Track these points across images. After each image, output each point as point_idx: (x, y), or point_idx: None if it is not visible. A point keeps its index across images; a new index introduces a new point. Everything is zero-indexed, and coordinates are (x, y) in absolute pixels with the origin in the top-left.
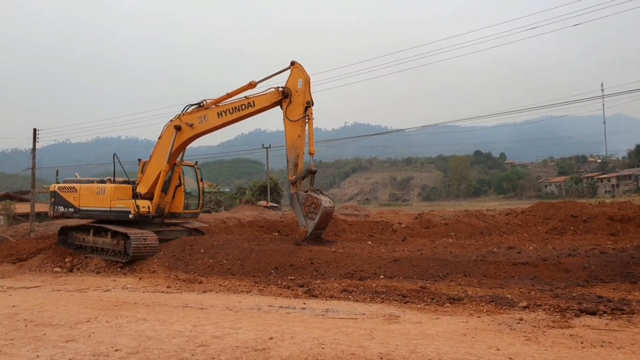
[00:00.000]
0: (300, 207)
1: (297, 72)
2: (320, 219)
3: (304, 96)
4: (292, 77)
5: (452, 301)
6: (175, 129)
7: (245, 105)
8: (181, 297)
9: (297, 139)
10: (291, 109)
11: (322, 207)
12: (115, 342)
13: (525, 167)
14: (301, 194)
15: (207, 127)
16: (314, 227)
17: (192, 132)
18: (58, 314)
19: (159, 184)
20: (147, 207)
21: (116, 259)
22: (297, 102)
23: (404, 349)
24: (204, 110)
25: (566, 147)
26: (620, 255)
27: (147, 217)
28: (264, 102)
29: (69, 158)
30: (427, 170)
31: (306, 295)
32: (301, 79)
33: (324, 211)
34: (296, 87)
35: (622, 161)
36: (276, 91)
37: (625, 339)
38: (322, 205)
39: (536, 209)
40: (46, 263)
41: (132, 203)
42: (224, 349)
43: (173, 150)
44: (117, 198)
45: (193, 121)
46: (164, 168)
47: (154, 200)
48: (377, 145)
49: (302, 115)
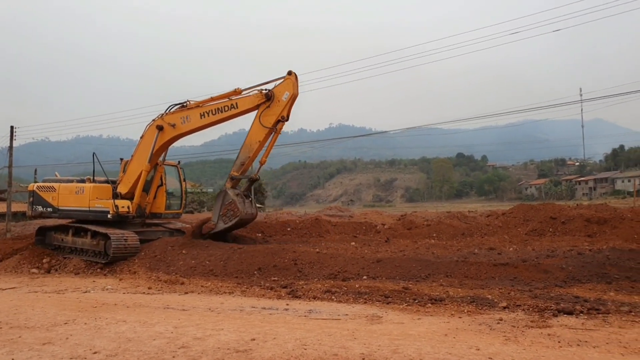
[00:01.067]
0: (221, 206)
1: (289, 83)
2: (233, 225)
3: (282, 110)
4: (282, 85)
5: (433, 302)
6: (157, 129)
7: (229, 107)
8: (162, 298)
9: (256, 143)
10: (267, 113)
11: (238, 218)
12: (93, 345)
13: (507, 170)
14: (229, 195)
15: (189, 127)
16: (222, 230)
17: (175, 132)
18: (34, 316)
19: (140, 184)
20: (126, 207)
21: (96, 259)
22: (274, 110)
23: (386, 350)
24: (186, 110)
25: (546, 150)
26: (597, 257)
27: (126, 218)
28: (247, 104)
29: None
30: (410, 172)
31: (289, 296)
32: (289, 92)
33: (238, 221)
34: (280, 97)
35: (599, 164)
36: (260, 94)
37: (600, 338)
38: (239, 216)
39: (516, 210)
40: (23, 264)
41: (111, 203)
42: (205, 350)
43: (155, 150)
44: (96, 198)
45: (175, 121)
46: (145, 168)
47: (135, 200)
48: (361, 146)
49: (272, 127)
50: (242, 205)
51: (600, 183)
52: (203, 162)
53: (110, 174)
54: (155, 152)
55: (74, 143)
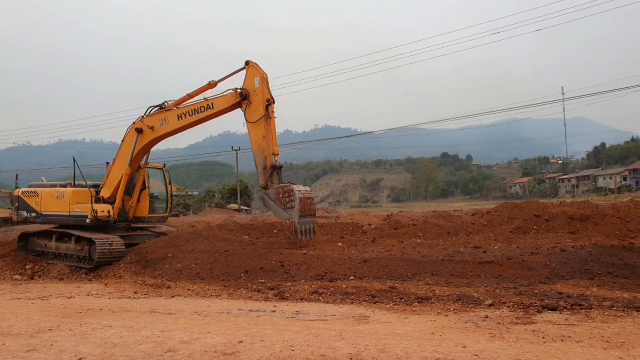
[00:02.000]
0: (275, 202)
1: (252, 70)
2: (301, 204)
3: (263, 94)
4: (248, 76)
5: (420, 300)
6: (136, 132)
7: (205, 107)
8: (148, 303)
9: (262, 140)
10: (251, 110)
11: (295, 192)
12: (78, 350)
13: (491, 169)
14: (270, 191)
15: (167, 129)
16: (299, 214)
17: (153, 134)
18: (18, 323)
19: (121, 188)
20: (106, 212)
21: (80, 264)
22: (256, 101)
23: (374, 349)
24: (165, 112)
25: (529, 149)
26: (579, 253)
27: (106, 222)
28: (223, 104)
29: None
30: (395, 172)
31: (276, 298)
32: (257, 77)
33: (300, 196)
34: (254, 87)
35: (581, 162)
36: (234, 92)
37: (583, 333)
38: (294, 190)
39: (501, 209)
40: (5, 270)
41: (89, 207)
42: (192, 354)
43: (135, 153)
44: (77, 202)
45: (154, 124)
46: (125, 172)
47: (116, 204)
48: (347, 147)
49: (264, 114)
50: (288, 184)
51: (582, 180)
52: (188, 164)
53: (95, 178)
54: (135, 155)
55: (56, 147)
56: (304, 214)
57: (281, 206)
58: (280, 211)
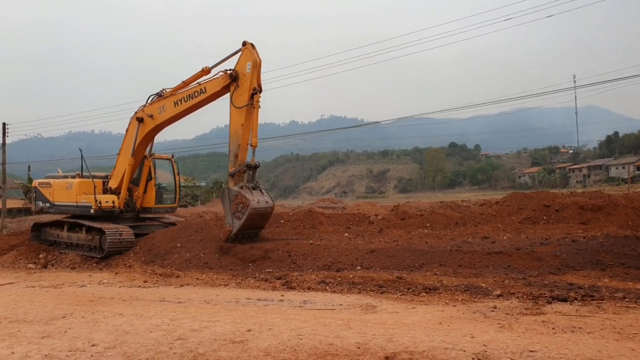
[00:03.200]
0: (230, 204)
1: (247, 53)
2: (248, 219)
3: (251, 81)
4: (241, 59)
5: (427, 291)
6: (137, 121)
7: (198, 92)
8: (158, 292)
9: (239, 127)
10: (238, 94)
11: (249, 208)
12: (91, 337)
13: (500, 159)
14: (233, 190)
15: (165, 117)
16: (239, 228)
17: (153, 123)
18: (33, 310)
19: (126, 178)
20: (110, 202)
21: (91, 254)
22: (244, 87)
23: (381, 339)
24: (162, 100)
25: (539, 138)
26: (591, 244)
27: (111, 212)
28: (215, 87)
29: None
30: (403, 162)
31: (284, 288)
32: (250, 62)
33: (252, 212)
34: (244, 71)
35: (593, 152)
36: (225, 74)
37: (594, 324)
38: (249, 206)
39: (510, 199)
40: (20, 259)
41: (93, 198)
42: (202, 341)
43: (137, 143)
44: (83, 193)
45: (153, 112)
46: (129, 162)
47: (121, 194)
48: (353, 138)
49: (247, 103)
50: (250, 195)
51: (594, 170)
52: (195, 155)
53: (104, 169)
54: (138, 145)
55: (66, 139)
56: (246, 227)
57: (232, 211)
58: (228, 214)
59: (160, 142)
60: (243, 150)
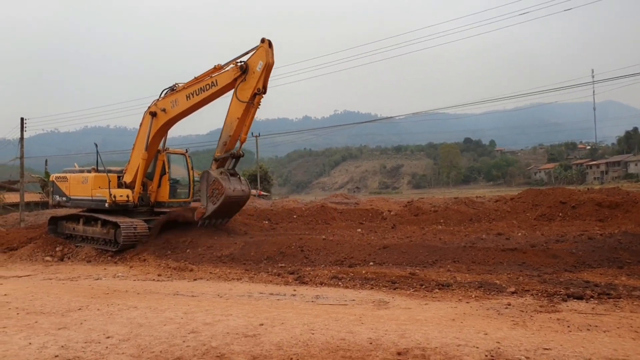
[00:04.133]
0: (207, 188)
1: (262, 51)
2: (222, 205)
3: (258, 81)
4: (255, 55)
5: (441, 287)
6: (151, 116)
7: (209, 85)
8: (172, 285)
9: (235, 120)
10: (242, 87)
11: (224, 196)
12: (106, 330)
13: (515, 155)
14: (212, 174)
15: (178, 110)
16: (213, 212)
17: (166, 117)
18: (50, 302)
19: (140, 173)
20: (125, 196)
21: (106, 247)
22: (249, 83)
23: (393, 334)
24: (175, 94)
25: (556, 134)
26: (608, 241)
27: (126, 206)
28: (226, 79)
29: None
30: (417, 158)
31: (296, 282)
32: (262, 61)
33: (226, 199)
34: (255, 67)
35: (611, 148)
36: (236, 67)
37: (611, 323)
38: (224, 193)
39: (525, 195)
40: (37, 252)
41: (107, 192)
42: (214, 335)
43: (151, 137)
44: (98, 187)
45: (166, 106)
46: (142, 156)
47: (135, 188)
48: (367, 133)
49: (248, 100)
50: (226, 182)
51: (612, 167)
52: (209, 150)
53: (119, 164)
54: (151, 139)
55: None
56: (218, 212)
57: (207, 194)
58: (204, 196)
59: (175, 137)
60: (232, 141)
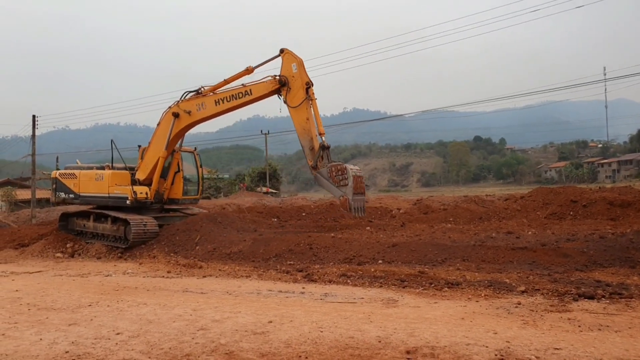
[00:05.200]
0: (329, 180)
1: (289, 57)
2: (353, 182)
3: (302, 78)
4: (285, 63)
5: (450, 286)
6: (173, 116)
7: (243, 94)
8: (181, 282)
9: (305, 122)
10: (291, 95)
11: (348, 170)
12: (116, 326)
13: (525, 153)
14: (323, 170)
15: (204, 114)
16: (352, 191)
17: (190, 119)
18: (60, 298)
19: (158, 170)
20: (144, 193)
21: (116, 244)
22: (296, 86)
23: (402, 333)
24: (201, 97)
25: (567, 132)
26: (620, 240)
27: (144, 203)
28: (262, 90)
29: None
30: (426, 156)
31: (305, 280)
32: (294, 63)
33: (352, 174)
34: (291, 72)
35: (623, 146)
36: (273, 80)
37: (623, 323)
38: (347, 168)
39: (535, 194)
40: (48, 248)
41: (129, 189)
42: (223, 332)
43: (171, 137)
44: (115, 184)
45: (191, 108)
46: (162, 154)
47: (153, 186)
48: (376, 131)
49: (305, 97)
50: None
51: (624, 165)
52: (219, 148)
53: (129, 161)
54: (171, 139)
55: (92, 131)
56: (356, 191)
57: (334, 184)
58: (334, 189)
59: (185, 135)
60: (316, 141)
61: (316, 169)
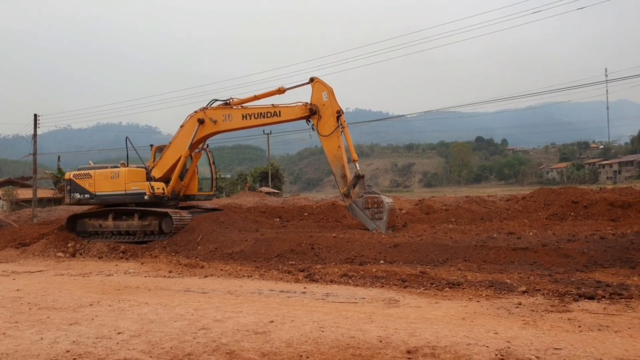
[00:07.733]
0: (363, 212)
1: (319, 86)
2: (389, 216)
3: (332, 107)
4: (315, 92)
5: (451, 286)
6: (198, 122)
7: (271, 114)
8: (183, 282)
9: (337, 150)
10: (323, 123)
11: (385, 204)
12: (117, 325)
13: (527, 154)
14: (358, 200)
15: (230, 126)
16: (386, 225)
17: (215, 128)
18: (61, 298)
19: (178, 168)
20: (161, 189)
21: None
22: (327, 114)
23: (403, 333)
24: (229, 109)
25: (568, 133)
26: (620, 241)
27: (162, 199)
28: (291, 115)
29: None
30: (428, 156)
31: (307, 280)
32: (325, 92)
33: (388, 207)
34: (322, 101)
35: (624, 147)
36: (304, 107)
37: (622, 323)
38: (384, 201)
39: (537, 194)
40: (49, 248)
41: (147, 185)
42: (225, 332)
43: (194, 141)
44: (132, 181)
45: (217, 117)
46: (184, 153)
47: (171, 183)
48: (378, 131)
49: (336, 125)
50: (376, 195)
51: (625, 166)
52: (221, 148)
53: (132, 160)
54: (194, 142)
55: (94, 131)
56: (389, 225)
57: (369, 216)
58: (368, 221)
59: None
60: (347, 169)
61: (349, 197)
